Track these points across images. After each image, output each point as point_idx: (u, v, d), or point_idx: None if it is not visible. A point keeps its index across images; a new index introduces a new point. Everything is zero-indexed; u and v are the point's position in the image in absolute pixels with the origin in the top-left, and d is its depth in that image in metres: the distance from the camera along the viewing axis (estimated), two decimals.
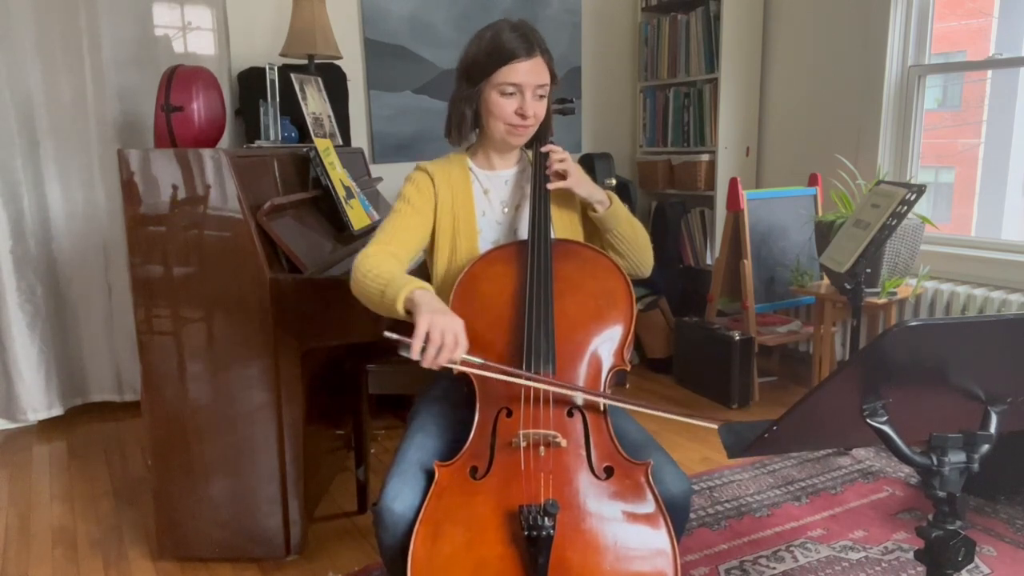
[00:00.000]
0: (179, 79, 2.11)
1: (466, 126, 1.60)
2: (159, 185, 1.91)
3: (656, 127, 4.14)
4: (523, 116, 1.54)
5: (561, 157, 1.59)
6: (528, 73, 1.52)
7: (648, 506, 1.27)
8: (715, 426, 1.28)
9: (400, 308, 1.36)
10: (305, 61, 3.04)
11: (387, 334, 1.31)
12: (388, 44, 3.58)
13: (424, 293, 1.35)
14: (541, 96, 1.56)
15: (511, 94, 1.53)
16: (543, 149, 1.61)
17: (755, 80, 3.77)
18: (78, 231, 3.19)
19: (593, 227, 1.67)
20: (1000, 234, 4.30)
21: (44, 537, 2.30)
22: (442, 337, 1.26)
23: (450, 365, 1.30)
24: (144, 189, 1.92)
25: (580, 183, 1.60)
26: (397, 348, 1.29)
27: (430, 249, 1.65)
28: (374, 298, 1.42)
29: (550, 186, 1.59)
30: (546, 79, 1.56)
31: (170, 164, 1.91)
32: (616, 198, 1.64)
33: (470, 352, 1.32)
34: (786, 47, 3.66)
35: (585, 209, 1.66)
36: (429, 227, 1.61)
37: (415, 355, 1.27)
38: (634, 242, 1.65)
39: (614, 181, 3.91)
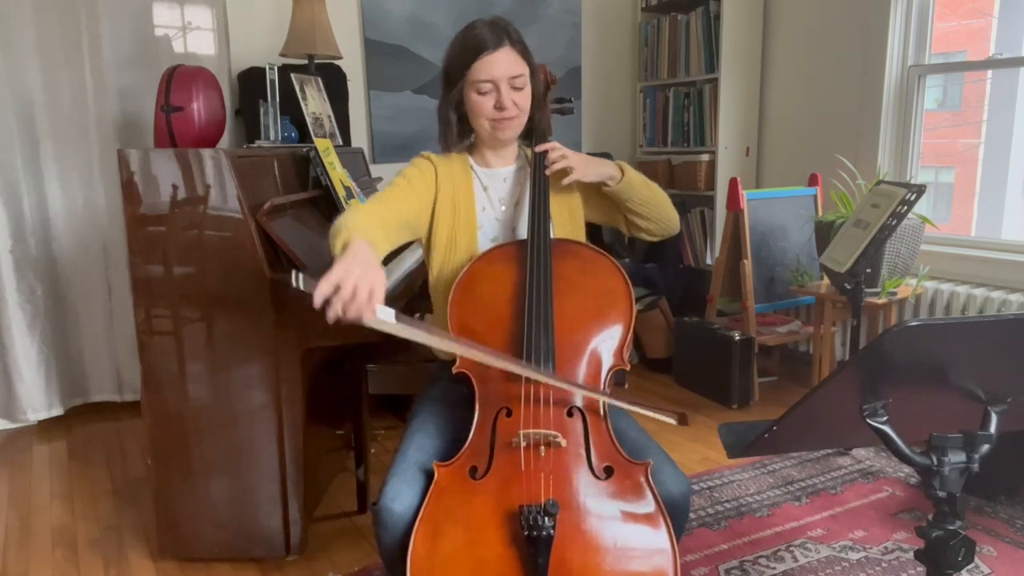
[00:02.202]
0: (179, 79, 2.11)
1: (452, 132, 1.60)
2: (159, 185, 1.91)
3: (656, 127, 4.14)
4: (501, 108, 1.53)
5: (561, 154, 1.57)
6: (499, 65, 1.51)
7: (648, 506, 1.27)
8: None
9: (337, 251, 1.33)
10: (305, 61, 3.04)
11: (294, 274, 1.17)
12: (388, 44, 3.58)
13: (362, 246, 1.29)
14: (518, 87, 1.55)
15: (487, 92, 1.53)
16: (537, 149, 1.60)
17: (755, 80, 3.77)
18: (78, 231, 3.19)
19: (608, 203, 1.65)
20: (1000, 234, 4.30)
21: (44, 537, 2.30)
22: (354, 291, 1.16)
23: (364, 323, 1.18)
24: (144, 189, 1.92)
25: (586, 171, 1.57)
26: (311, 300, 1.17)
27: (428, 243, 1.64)
28: (332, 241, 1.38)
29: (564, 181, 1.57)
30: (520, 69, 1.54)
31: (170, 164, 1.91)
32: (627, 166, 1.61)
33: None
34: (786, 47, 3.66)
35: (598, 187, 1.63)
36: (421, 207, 1.60)
37: (317, 304, 1.16)
38: (655, 203, 1.62)
39: None
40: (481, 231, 1.63)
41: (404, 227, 1.57)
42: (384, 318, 1.18)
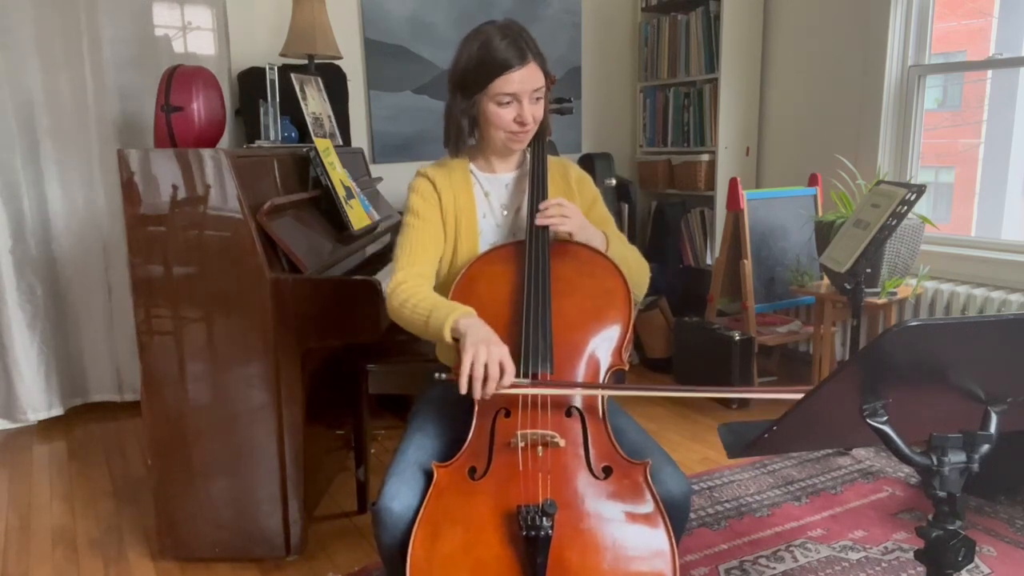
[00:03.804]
0: (179, 79, 2.11)
1: (463, 137, 1.59)
2: (159, 185, 1.91)
3: (656, 127, 4.14)
4: (522, 123, 1.53)
5: (561, 212, 1.52)
6: (523, 81, 1.50)
7: (647, 506, 1.27)
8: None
9: (447, 337, 1.37)
10: (305, 61, 3.04)
11: (437, 376, 1.36)
12: (388, 44, 3.58)
13: (469, 321, 1.36)
14: (538, 99, 1.55)
15: (508, 103, 1.52)
16: (542, 207, 1.53)
17: (755, 80, 3.77)
18: (78, 231, 3.19)
19: None
20: (1000, 234, 4.30)
21: (44, 537, 2.30)
22: (486, 369, 1.28)
23: (502, 392, 1.31)
24: (144, 189, 1.92)
25: (578, 231, 1.55)
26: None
27: None
28: (419, 327, 1.44)
29: (543, 221, 1.52)
30: (541, 83, 1.54)
31: (170, 164, 1.91)
32: (613, 239, 1.60)
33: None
34: (786, 47, 3.66)
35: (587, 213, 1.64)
36: (442, 234, 1.61)
37: (463, 391, 1.28)
38: (628, 279, 1.60)
39: (614, 181, 3.90)
40: (482, 237, 1.63)
41: (437, 264, 1.62)
42: (518, 380, 1.33)
